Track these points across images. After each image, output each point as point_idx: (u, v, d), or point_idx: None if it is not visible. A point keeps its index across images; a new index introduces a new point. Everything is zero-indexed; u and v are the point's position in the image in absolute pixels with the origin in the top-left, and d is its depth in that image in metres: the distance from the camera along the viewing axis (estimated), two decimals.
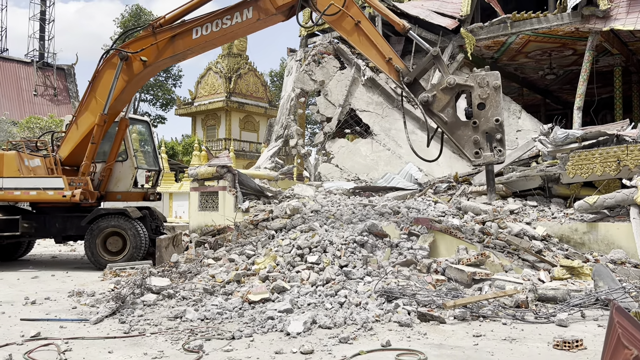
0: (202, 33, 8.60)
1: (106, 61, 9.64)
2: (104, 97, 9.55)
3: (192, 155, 23.56)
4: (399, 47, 18.02)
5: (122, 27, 42.77)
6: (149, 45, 8.96)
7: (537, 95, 21.01)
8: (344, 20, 8.03)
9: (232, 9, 8.44)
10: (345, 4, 8.01)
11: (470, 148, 7.20)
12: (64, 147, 10.22)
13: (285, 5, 8.31)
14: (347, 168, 16.66)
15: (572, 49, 16.33)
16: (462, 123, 7.30)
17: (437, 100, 7.35)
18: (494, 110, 7.06)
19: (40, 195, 10.00)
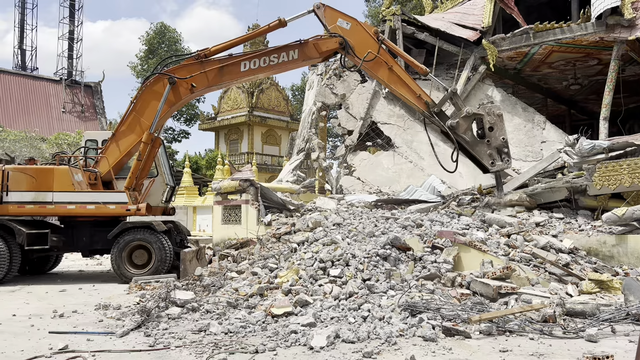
0: (250, 67, 9.77)
1: (150, 84, 10.14)
2: (147, 117, 10.04)
3: (215, 169, 23.83)
4: (420, 60, 18.01)
5: (147, 44, 43.71)
6: (197, 73, 9.79)
7: (562, 106, 20.72)
8: (379, 66, 9.74)
9: (281, 49, 9.81)
10: (379, 52, 9.62)
11: (487, 159, 9.74)
12: (103, 163, 10.49)
13: (327, 52, 9.89)
14: (369, 181, 16.63)
15: (597, 58, 16.11)
16: (479, 141, 9.74)
17: (460, 125, 9.70)
18: (500, 131, 9.70)
19: (100, 209, 10.19)
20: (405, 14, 17.47)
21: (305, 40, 9.79)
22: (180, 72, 9.99)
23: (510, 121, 15.91)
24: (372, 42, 9.80)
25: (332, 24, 9.78)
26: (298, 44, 9.79)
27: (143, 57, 44.01)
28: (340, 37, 9.58)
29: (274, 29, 10.15)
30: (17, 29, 40.13)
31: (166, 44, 43.94)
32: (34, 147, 25.37)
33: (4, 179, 9.91)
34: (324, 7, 9.85)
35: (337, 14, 9.94)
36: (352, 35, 9.69)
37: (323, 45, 9.74)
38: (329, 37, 9.61)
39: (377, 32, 9.92)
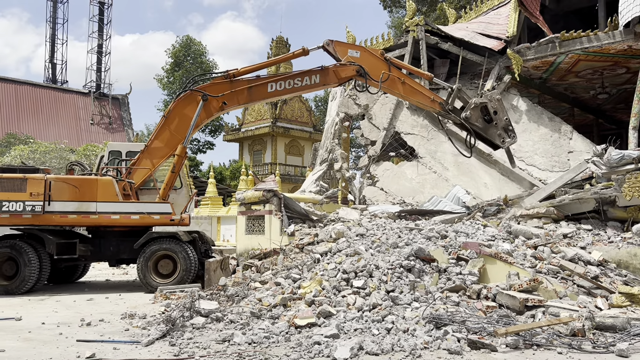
0: (276, 88, 10.53)
1: (183, 100, 10.64)
2: (179, 131, 10.47)
3: (239, 179, 24.02)
4: (443, 70, 17.95)
5: (172, 57, 44.52)
6: (228, 91, 10.41)
7: (589, 115, 20.35)
8: (394, 83, 10.80)
9: (304, 74, 10.65)
10: (391, 70, 10.67)
11: (498, 139, 11.03)
12: (136, 174, 10.72)
13: (346, 78, 10.84)
14: (392, 191, 16.55)
15: (625, 67, 15.81)
16: (489, 125, 11.00)
17: (472, 115, 10.92)
18: (502, 112, 11.03)
19: (144, 219, 10.48)
20: (428, 24, 17.45)
21: (326, 67, 10.71)
22: (210, 89, 10.50)
23: (536, 131, 15.69)
24: (381, 63, 10.81)
25: (344, 55, 10.71)
26: (320, 70, 10.68)
27: (169, 70, 44.82)
28: (358, 65, 10.58)
29: (298, 56, 11.04)
30: (48, 44, 41.35)
31: (191, 56, 44.68)
32: (63, 159, 25.97)
33: (46, 189, 10.15)
34: (332, 42, 10.80)
35: (346, 46, 11.01)
36: (364, 61, 10.67)
37: (342, 72, 10.65)
38: (348, 65, 10.59)
39: (382, 53, 10.99)
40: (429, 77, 11.70)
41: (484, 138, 11.18)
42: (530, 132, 15.73)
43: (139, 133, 43.94)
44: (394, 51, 18.26)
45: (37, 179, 10.17)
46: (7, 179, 10.14)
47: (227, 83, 10.53)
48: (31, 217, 10.10)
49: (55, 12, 41.39)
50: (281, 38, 40.82)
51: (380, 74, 10.58)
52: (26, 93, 37.49)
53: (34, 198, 10.07)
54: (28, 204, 10.05)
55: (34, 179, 10.17)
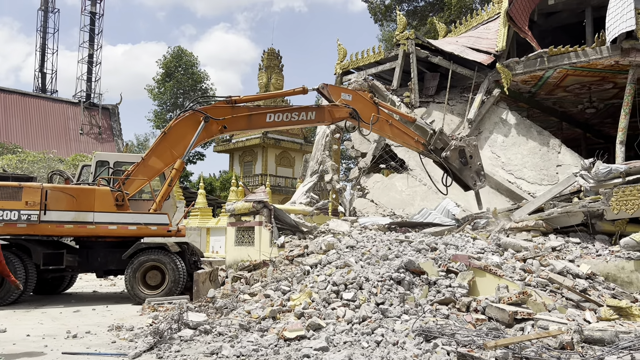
0: (274, 119, 10.98)
1: (184, 118, 10.86)
2: (177, 148, 10.75)
3: (229, 190, 23.94)
4: (434, 83, 18.13)
5: (164, 67, 44.49)
6: (229, 115, 10.76)
7: (577, 129, 20.59)
8: (383, 125, 11.53)
9: (301, 109, 11.25)
10: (379, 112, 11.46)
11: (471, 181, 12.05)
12: (132, 185, 10.71)
13: (339, 118, 11.41)
14: (382, 203, 16.58)
15: (613, 82, 16.05)
16: (465, 167, 11.99)
17: (451, 156, 11.93)
18: (477, 157, 12.06)
19: (142, 230, 10.49)
20: (419, 38, 17.62)
21: (322, 106, 11.44)
22: (212, 111, 10.78)
23: (525, 144, 15.83)
24: (371, 106, 11.52)
25: (337, 98, 11.33)
26: (317, 108, 11.46)
27: (160, 81, 44.76)
28: (351, 108, 11.27)
29: (297, 93, 11.71)
30: (39, 53, 41.18)
31: (183, 67, 44.68)
32: (51, 168, 25.75)
33: (42, 198, 10.03)
34: (327, 86, 11.44)
35: (339, 90, 11.73)
36: (355, 104, 11.37)
37: (336, 112, 11.28)
38: (342, 107, 11.23)
39: (372, 97, 11.83)
40: (412, 120, 12.71)
41: (459, 178, 12.14)
42: (519, 145, 15.88)
43: (129, 143, 43.77)
44: (384, 64, 18.42)
45: (33, 188, 10.06)
46: (2, 187, 10.01)
47: (229, 108, 10.88)
48: (26, 227, 9.97)
49: (46, 21, 41.29)
50: (273, 50, 40.99)
51: (370, 116, 11.38)
52: (15, 102, 37.22)
53: (30, 207, 9.95)
54: (23, 213, 9.92)
55: (29, 188, 10.06)
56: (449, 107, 17.16)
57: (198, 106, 11.16)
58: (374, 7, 38.00)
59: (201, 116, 10.68)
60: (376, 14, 37.91)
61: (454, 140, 12.10)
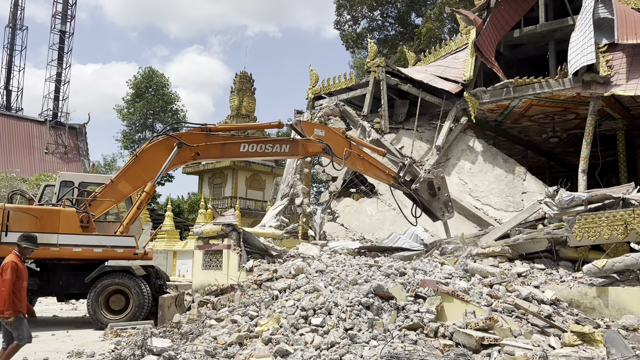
0: (248, 149, 11.03)
1: (158, 143, 10.78)
2: (148, 172, 10.64)
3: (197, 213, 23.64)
4: (403, 110, 18.45)
5: (134, 88, 44.09)
6: (203, 143, 10.73)
7: (542, 158, 21.19)
8: (355, 159, 11.73)
9: (275, 141, 11.43)
10: (352, 147, 11.72)
11: (440, 212, 12.43)
12: (99, 207, 10.47)
13: (313, 153, 11.63)
14: (352, 227, 16.61)
15: (575, 113, 16.63)
16: (433, 199, 12.37)
17: (420, 188, 12.30)
18: (444, 189, 12.42)
19: (107, 252, 10.22)
20: (389, 65, 17.97)
21: (296, 140, 11.59)
22: (186, 138, 10.75)
23: (491, 172, 16.18)
24: (343, 141, 11.79)
25: (311, 133, 11.55)
26: (291, 141, 11.61)
27: (129, 101, 44.30)
28: (324, 144, 11.50)
29: (273, 127, 11.97)
30: (4, 70, 40.34)
31: (153, 88, 44.37)
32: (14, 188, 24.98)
33: (4, 219, 9.68)
34: (300, 122, 11.76)
35: (312, 126, 11.97)
36: (328, 139, 11.61)
37: (310, 147, 11.50)
38: (316, 142, 11.47)
39: (344, 132, 12.12)
40: (383, 153, 13.16)
41: (428, 209, 12.52)
42: (486, 172, 16.21)
43: (95, 164, 42.91)
44: (355, 90, 18.68)
45: None
46: None
47: (203, 135, 10.86)
48: None
49: (14, 38, 40.59)
50: (245, 73, 41.13)
51: (342, 151, 11.64)
52: None
53: None
54: None
55: None
56: (418, 133, 17.46)
57: (172, 131, 11.12)
58: (346, 35, 38.72)
59: (175, 142, 10.61)
60: (348, 41, 38.61)
61: (423, 173, 12.47)
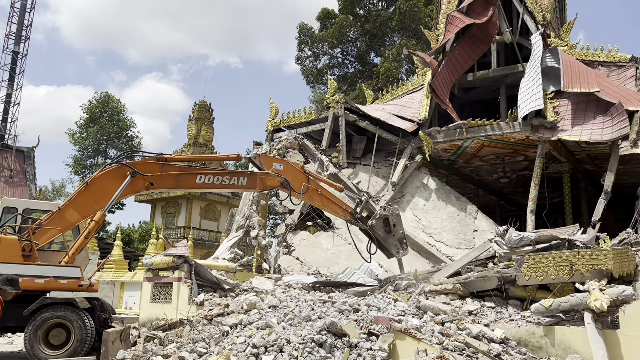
0: (204, 181, 10.76)
1: (110, 171, 10.40)
2: (98, 200, 10.28)
3: (148, 243, 22.98)
4: (360, 146, 18.75)
5: (88, 112, 43.11)
6: (157, 173, 10.42)
7: (492, 197, 21.85)
8: (313, 194, 11.75)
9: (232, 174, 11.25)
10: (310, 182, 11.73)
11: (394, 249, 12.48)
12: (44, 235, 9.97)
13: (270, 187, 11.54)
14: (307, 261, 16.51)
15: (524, 155, 17.31)
16: (388, 235, 12.45)
17: (376, 224, 12.35)
18: (399, 226, 12.48)
19: (50, 283, 9.63)
20: (348, 102, 18.31)
21: (254, 173, 11.47)
22: (141, 167, 10.44)
23: (444, 209, 16.53)
24: (301, 175, 11.79)
25: (269, 167, 11.53)
26: (248, 173, 11.44)
27: (83, 125, 43.21)
28: (283, 178, 11.45)
29: (232, 159, 11.88)
30: None
31: (108, 113, 43.50)
32: None
33: None
34: (259, 156, 11.79)
35: (271, 160, 11.99)
36: (287, 174, 11.58)
37: (268, 181, 11.41)
38: (274, 176, 11.42)
39: (302, 167, 12.12)
40: (340, 189, 13.21)
41: (383, 246, 12.60)
42: (439, 209, 16.54)
43: (43, 189, 41.29)
44: (315, 125, 18.89)
45: None
46: None
47: (158, 165, 10.60)
48: None
49: None
50: (204, 102, 40.94)
51: (300, 185, 11.60)
52: None
53: None
54: None
55: None
56: (374, 169, 17.72)
57: (126, 160, 10.88)
58: (307, 70, 39.36)
59: (128, 170, 10.33)
60: (308, 76, 39.23)
61: (379, 209, 12.59)
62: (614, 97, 14.49)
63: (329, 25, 38.44)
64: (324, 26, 38.98)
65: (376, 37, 37.97)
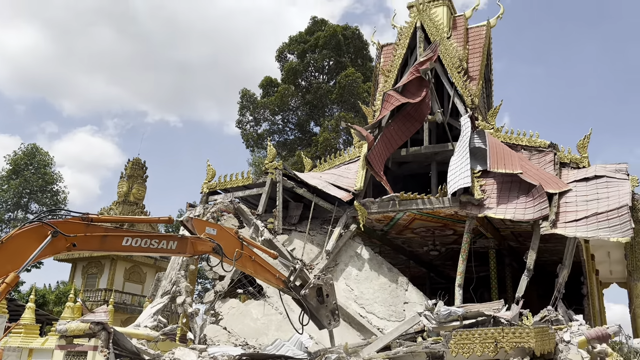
0: (131, 243, 9.97)
1: (30, 229, 9.64)
2: (13, 260, 9.45)
3: (64, 306, 21.42)
4: (297, 212, 18.76)
5: (12, 164, 40.97)
6: (81, 233, 9.65)
7: (423, 269, 22.26)
8: (246, 261, 11.39)
9: (162, 237, 10.51)
10: (243, 248, 11.32)
11: (326, 320, 11.93)
12: None
13: (202, 252, 10.97)
14: (235, 332, 15.89)
15: (453, 229, 17.91)
16: (321, 306, 11.98)
17: (310, 294, 11.88)
18: (332, 297, 12.05)
19: None
20: (286, 169, 18.47)
21: (185, 237, 10.87)
22: (63, 227, 9.77)
23: (377, 280, 16.61)
24: (235, 241, 11.38)
25: (202, 232, 11.03)
26: (179, 238, 10.83)
27: (5, 177, 40.88)
28: (215, 244, 10.94)
29: (163, 222, 11.37)
30: None
31: (34, 166, 41.51)
32: None
33: None
34: (191, 219, 11.36)
35: (204, 224, 11.49)
36: (220, 239, 11.10)
37: (199, 246, 10.80)
38: (207, 240, 10.88)
39: (236, 232, 11.73)
40: (274, 256, 12.96)
41: (314, 317, 12.27)
42: (371, 280, 16.60)
43: None
44: (252, 189, 18.81)
45: None
46: None
47: (83, 225, 9.88)
48: None
49: None
50: (138, 160, 40.00)
51: (233, 251, 11.14)
52: None
53: None
54: None
55: None
56: (309, 236, 17.69)
57: (49, 218, 10.24)
58: (247, 134, 39.71)
59: (49, 229, 9.74)
60: (248, 140, 39.55)
61: (313, 278, 12.39)
62: (535, 179, 15.47)
63: (271, 92, 39.38)
64: (266, 93, 39.87)
65: (316, 107, 39.18)
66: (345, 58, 39.11)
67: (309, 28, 40.62)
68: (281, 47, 41.01)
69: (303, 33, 40.53)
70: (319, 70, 39.97)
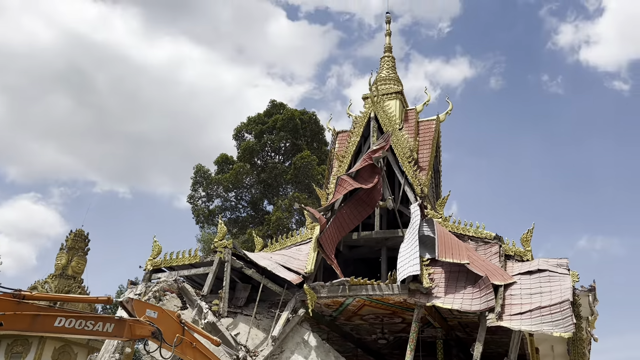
0: (65, 325, 9.40)
1: None
2: None
3: None
4: (244, 294, 18.22)
5: None
6: (10, 312, 8.98)
7: (370, 357, 21.70)
8: (186, 347, 10.78)
9: (98, 319, 9.95)
10: (184, 334, 10.75)
11: None
12: None
13: (140, 336, 10.38)
14: None
15: (402, 317, 17.76)
16: None
17: None
18: None
19: None
20: (236, 247, 18.11)
21: (123, 319, 10.37)
22: None
23: None
24: (177, 326, 10.95)
25: (142, 314, 10.59)
26: (117, 320, 10.26)
27: None
28: (155, 328, 10.47)
29: (101, 302, 11.37)
30: None
31: None
32: None
33: None
34: (131, 300, 10.91)
35: (144, 305, 11.08)
36: (160, 322, 10.66)
37: (137, 329, 10.33)
38: (146, 324, 10.41)
39: (179, 316, 11.20)
40: (217, 343, 12.68)
41: None
42: None
43: None
44: (199, 268, 18.24)
45: None
46: None
47: (13, 303, 9.23)
48: None
49: None
50: (81, 232, 38.29)
51: (174, 336, 10.65)
52: None
53: None
54: None
55: None
56: (256, 320, 17.09)
57: None
58: (198, 210, 39.15)
59: None
60: (199, 216, 38.93)
61: None
62: (481, 270, 15.75)
63: (226, 169, 39.44)
64: (220, 170, 39.90)
65: (271, 186, 39.37)
66: (302, 141, 40.04)
67: (267, 110, 41.70)
68: (239, 126, 41.70)
69: (262, 115, 41.51)
70: (275, 151, 40.61)
